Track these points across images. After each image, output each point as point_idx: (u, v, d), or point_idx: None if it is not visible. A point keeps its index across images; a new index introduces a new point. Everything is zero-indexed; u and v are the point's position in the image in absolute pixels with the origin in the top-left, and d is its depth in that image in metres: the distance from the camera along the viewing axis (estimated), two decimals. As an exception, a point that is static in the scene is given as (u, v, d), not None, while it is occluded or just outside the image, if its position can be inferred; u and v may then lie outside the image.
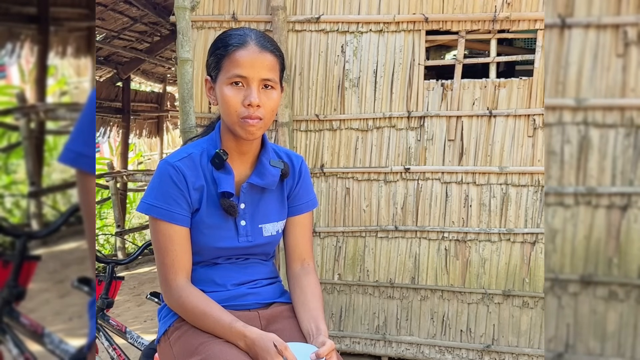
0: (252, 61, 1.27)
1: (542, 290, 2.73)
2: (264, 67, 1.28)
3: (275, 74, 1.31)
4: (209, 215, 1.36)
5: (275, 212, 1.45)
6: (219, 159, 1.35)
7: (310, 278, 1.50)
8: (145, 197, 1.33)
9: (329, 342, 1.25)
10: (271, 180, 1.40)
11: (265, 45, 1.30)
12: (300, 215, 1.50)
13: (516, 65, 3.07)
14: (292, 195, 1.48)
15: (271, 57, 1.30)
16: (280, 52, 1.35)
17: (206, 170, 1.36)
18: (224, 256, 1.41)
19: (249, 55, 1.28)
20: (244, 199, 1.39)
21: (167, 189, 1.31)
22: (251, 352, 1.23)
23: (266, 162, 1.40)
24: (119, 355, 2.24)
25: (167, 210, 1.31)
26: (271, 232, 1.44)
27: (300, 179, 1.48)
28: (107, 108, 7.15)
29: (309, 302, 1.43)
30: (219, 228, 1.37)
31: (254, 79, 1.28)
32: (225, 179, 1.35)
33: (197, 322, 1.32)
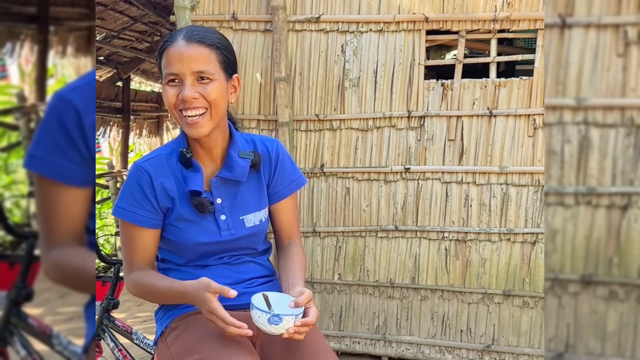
0: (179, 56, 1.26)
1: (543, 290, 2.73)
2: (193, 60, 1.26)
3: (210, 65, 1.28)
4: (185, 213, 1.36)
5: (254, 202, 1.45)
6: (184, 158, 1.35)
7: (295, 249, 1.51)
8: (117, 199, 1.37)
9: (307, 292, 1.27)
10: (240, 172, 1.39)
11: (193, 38, 1.28)
12: (283, 200, 1.50)
13: (516, 65, 3.07)
14: (273, 182, 1.48)
15: (201, 49, 1.27)
16: (219, 42, 1.32)
17: (176, 169, 1.37)
18: (211, 254, 1.41)
19: (177, 50, 1.27)
20: (219, 194, 1.40)
21: (132, 192, 1.34)
22: (197, 306, 1.26)
23: (234, 154, 1.39)
24: (125, 356, 2.23)
25: (131, 212, 1.33)
26: (254, 222, 1.44)
27: (278, 163, 1.48)
28: (107, 108, 7.15)
29: (289, 267, 1.45)
30: (199, 225, 1.38)
31: (185, 74, 1.26)
32: (194, 177, 1.36)
33: (152, 297, 1.37)
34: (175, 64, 1.26)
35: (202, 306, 1.22)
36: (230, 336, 1.26)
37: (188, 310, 1.40)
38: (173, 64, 1.27)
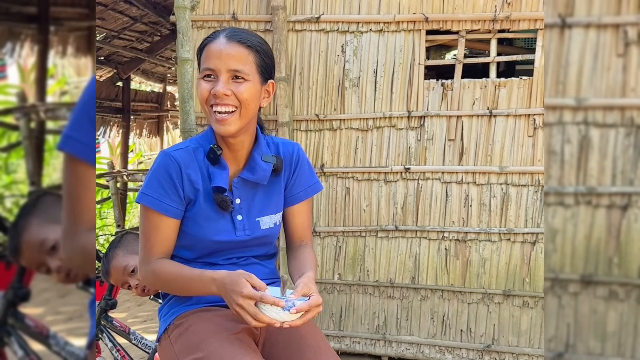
0: (218, 53, 1.28)
1: (543, 290, 2.73)
2: (231, 58, 1.28)
3: (246, 66, 1.29)
4: (205, 209, 1.36)
5: (271, 205, 1.46)
6: (214, 154, 1.36)
7: (306, 249, 1.50)
8: (142, 186, 1.35)
9: (305, 280, 1.26)
10: (262, 175, 1.40)
11: (234, 38, 1.29)
12: (299, 204, 1.50)
13: (516, 65, 3.07)
14: (290, 185, 1.49)
15: (240, 48, 1.29)
16: (259, 46, 1.33)
17: (202, 164, 1.37)
18: (222, 252, 1.41)
19: (216, 47, 1.29)
20: (239, 194, 1.40)
21: (160, 179, 1.33)
22: (224, 293, 1.22)
23: (258, 157, 1.40)
24: (123, 356, 2.23)
25: (157, 200, 1.32)
26: (268, 224, 1.45)
27: (298, 167, 1.48)
28: (107, 108, 7.14)
29: (300, 263, 1.44)
30: (216, 222, 1.38)
31: (221, 71, 1.28)
32: (220, 174, 1.36)
33: (173, 285, 1.34)
34: (213, 60, 1.28)
35: (234, 291, 1.19)
36: (235, 334, 1.26)
37: (193, 308, 1.40)
38: (211, 59, 1.29)
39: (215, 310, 1.38)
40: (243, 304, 1.18)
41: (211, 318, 1.34)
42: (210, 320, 1.33)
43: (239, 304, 1.18)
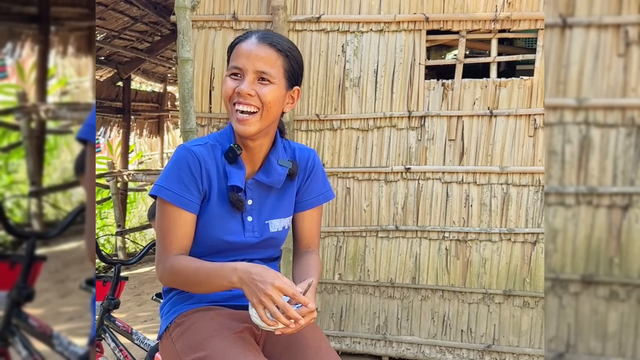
0: (247, 53, 1.28)
1: (543, 290, 2.73)
2: (259, 60, 1.28)
3: (273, 69, 1.29)
4: (218, 207, 1.36)
5: (282, 209, 1.45)
6: (233, 153, 1.35)
7: (312, 256, 1.49)
8: (159, 179, 1.33)
9: (307, 284, 1.23)
10: (277, 179, 1.40)
11: (265, 40, 1.30)
12: (309, 210, 1.50)
13: (517, 65, 3.07)
14: (302, 190, 1.48)
15: (270, 51, 1.29)
16: (289, 51, 1.33)
17: (219, 162, 1.37)
18: (229, 252, 1.40)
19: (246, 47, 1.29)
20: (251, 195, 1.40)
21: (180, 173, 1.32)
22: (248, 282, 1.19)
23: (274, 160, 1.40)
24: (126, 356, 2.24)
25: (177, 194, 1.31)
26: (278, 227, 1.44)
27: (312, 173, 1.48)
28: (108, 108, 7.15)
29: (303, 268, 1.42)
30: (227, 221, 1.37)
31: (248, 70, 1.28)
32: (237, 173, 1.36)
33: (193, 279, 1.30)
34: (241, 59, 1.29)
35: (264, 281, 1.16)
36: (237, 333, 1.26)
37: (195, 306, 1.40)
38: (239, 58, 1.29)
39: (217, 310, 1.38)
40: (272, 294, 1.14)
41: (213, 317, 1.34)
42: (213, 319, 1.32)
43: (268, 293, 1.14)
